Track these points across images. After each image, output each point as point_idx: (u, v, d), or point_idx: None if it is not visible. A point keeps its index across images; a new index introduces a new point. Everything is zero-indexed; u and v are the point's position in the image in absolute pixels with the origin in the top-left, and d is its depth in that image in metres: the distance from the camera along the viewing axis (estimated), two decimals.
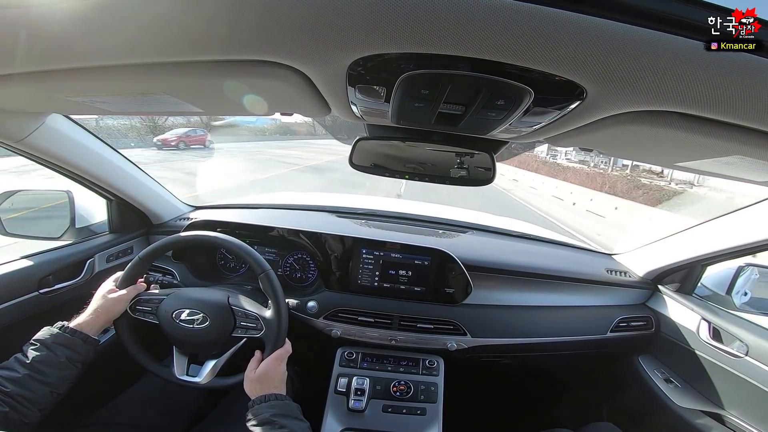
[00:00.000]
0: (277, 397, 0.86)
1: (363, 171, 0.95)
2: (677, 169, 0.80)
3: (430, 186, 5.05)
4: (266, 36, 0.41)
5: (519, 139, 0.81)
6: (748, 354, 1.08)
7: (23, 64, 0.52)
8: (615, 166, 24.26)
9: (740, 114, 0.43)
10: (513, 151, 3.09)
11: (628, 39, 0.34)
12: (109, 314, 0.94)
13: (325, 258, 1.32)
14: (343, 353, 1.24)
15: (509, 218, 2.09)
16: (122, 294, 0.96)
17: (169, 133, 20.36)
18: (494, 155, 0.90)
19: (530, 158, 25.80)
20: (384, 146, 0.93)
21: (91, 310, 0.91)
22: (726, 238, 1.13)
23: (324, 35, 0.39)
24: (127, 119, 21.15)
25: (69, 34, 0.43)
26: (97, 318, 0.90)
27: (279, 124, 29.90)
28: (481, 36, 0.36)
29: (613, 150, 0.80)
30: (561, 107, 0.52)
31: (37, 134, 0.96)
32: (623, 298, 1.45)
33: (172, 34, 0.42)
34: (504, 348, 1.30)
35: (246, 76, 0.52)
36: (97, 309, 0.92)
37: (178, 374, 0.97)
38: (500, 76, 0.44)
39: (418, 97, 0.53)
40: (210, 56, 0.47)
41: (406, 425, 1.07)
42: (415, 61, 0.44)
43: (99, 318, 0.91)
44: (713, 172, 0.76)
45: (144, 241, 1.50)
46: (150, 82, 0.57)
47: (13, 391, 0.73)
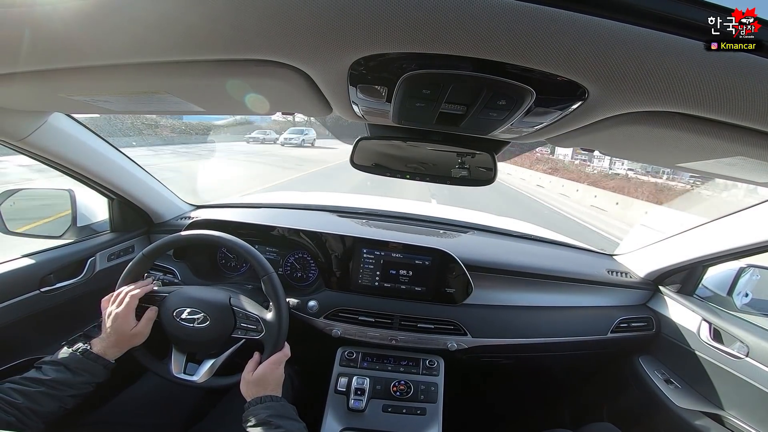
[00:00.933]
0: (273, 399, 0.86)
1: (364, 171, 0.95)
2: (679, 169, 0.80)
3: (457, 193, 5.00)
4: (268, 36, 0.41)
5: (520, 140, 0.81)
6: (748, 355, 1.07)
7: (26, 63, 0.52)
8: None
9: (741, 114, 0.43)
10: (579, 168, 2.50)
11: (628, 39, 0.35)
12: (130, 344, 0.94)
13: (326, 257, 1.33)
14: (343, 353, 1.24)
15: (510, 218, 2.09)
16: (140, 328, 0.94)
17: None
18: (495, 155, 0.90)
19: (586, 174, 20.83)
20: (385, 146, 0.93)
21: (111, 337, 0.90)
22: (727, 239, 1.13)
23: (325, 35, 0.39)
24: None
25: (72, 33, 0.43)
26: (117, 346, 0.91)
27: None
28: (483, 36, 0.37)
29: (615, 150, 0.80)
30: (563, 107, 0.52)
31: (39, 133, 0.96)
32: (624, 299, 1.45)
33: (174, 34, 0.42)
34: (504, 348, 1.30)
35: (248, 75, 0.52)
36: (118, 339, 0.91)
37: (175, 372, 0.97)
38: (502, 76, 0.44)
39: (420, 97, 0.53)
40: (212, 56, 0.47)
41: (406, 425, 1.07)
42: (416, 61, 0.44)
43: (119, 346, 0.91)
44: (715, 173, 0.76)
45: (145, 240, 1.50)
46: (152, 81, 0.57)
47: (23, 404, 0.74)
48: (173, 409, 1.16)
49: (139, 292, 0.96)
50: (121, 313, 0.91)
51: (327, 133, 20.74)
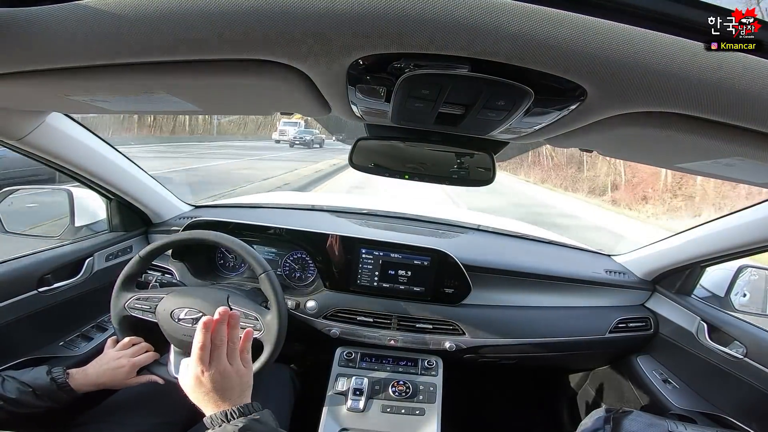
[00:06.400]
0: (241, 411, 0.64)
1: (363, 171, 0.95)
2: (677, 170, 0.80)
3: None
4: (267, 36, 0.41)
5: (519, 140, 0.82)
6: (746, 355, 1.08)
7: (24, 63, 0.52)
8: None
9: (740, 115, 0.43)
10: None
11: (628, 39, 0.35)
12: (113, 383, 0.95)
13: (324, 258, 1.32)
14: (342, 353, 1.24)
15: (508, 219, 2.10)
16: (132, 362, 0.97)
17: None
18: (494, 155, 0.90)
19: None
20: (384, 146, 0.93)
21: (92, 372, 0.93)
22: (725, 240, 1.13)
23: (324, 35, 0.39)
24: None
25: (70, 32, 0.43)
26: (94, 382, 0.92)
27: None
28: (482, 36, 0.36)
29: (613, 151, 0.80)
30: (561, 108, 0.52)
31: (36, 133, 0.96)
32: (622, 299, 1.45)
33: (172, 33, 0.42)
34: (503, 348, 1.30)
35: (246, 75, 0.52)
36: (100, 373, 0.93)
37: (173, 373, 0.97)
38: (501, 76, 0.44)
39: (419, 97, 0.53)
40: (211, 55, 0.47)
41: (404, 425, 1.07)
42: (415, 61, 0.44)
43: (96, 383, 0.92)
44: (713, 174, 0.76)
45: (143, 240, 1.50)
46: (150, 81, 0.57)
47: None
48: (171, 409, 1.15)
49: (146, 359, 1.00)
50: (124, 370, 0.95)
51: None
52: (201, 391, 0.65)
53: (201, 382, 0.65)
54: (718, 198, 14.22)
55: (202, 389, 0.65)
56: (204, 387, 0.65)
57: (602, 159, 16.50)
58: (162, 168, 10.65)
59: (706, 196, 14.83)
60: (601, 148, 0.78)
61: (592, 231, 9.75)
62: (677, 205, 15.51)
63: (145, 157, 10.16)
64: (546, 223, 7.79)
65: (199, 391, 0.65)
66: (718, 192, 14.43)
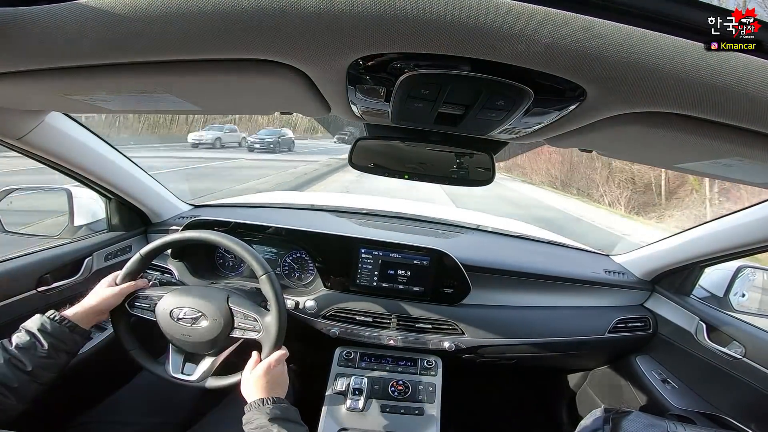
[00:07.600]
0: (275, 401, 0.83)
1: (362, 171, 0.95)
2: (677, 170, 0.81)
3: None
4: (267, 35, 0.41)
5: (519, 140, 0.82)
6: (745, 355, 1.08)
7: (23, 62, 0.52)
8: None
9: (740, 115, 0.43)
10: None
11: (628, 40, 0.35)
12: (104, 305, 0.93)
13: (323, 257, 1.32)
14: (341, 353, 1.24)
15: (508, 219, 2.10)
16: (122, 287, 0.96)
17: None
18: (494, 155, 0.90)
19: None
20: (384, 146, 0.93)
21: (85, 301, 0.91)
22: (724, 240, 1.13)
23: (325, 35, 0.39)
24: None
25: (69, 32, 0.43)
26: (90, 309, 0.90)
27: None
28: (482, 36, 0.36)
29: (613, 151, 0.80)
30: (561, 108, 0.52)
31: (36, 132, 0.96)
32: (621, 299, 1.45)
33: (172, 33, 0.42)
34: (502, 348, 1.30)
35: (246, 75, 0.52)
36: (92, 299, 0.92)
37: (172, 372, 0.97)
38: (500, 76, 0.44)
39: (418, 97, 0.53)
40: (210, 55, 0.47)
41: (404, 425, 1.07)
42: (415, 61, 0.44)
43: (93, 309, 0.90)
44: (713, 174, 0.76)
45: (143, 240, 1.49)
46: (150, 80, 0.57)
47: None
48: (171, 408, 1.15)
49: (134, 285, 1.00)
50: (110, 290, 0.94)
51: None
52: (265, 378, 0.88)
53: (269, 370, 0.89)
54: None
55: (267, 377, 0.88)
56: (268, 375, 0.89)
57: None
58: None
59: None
60: (600, 148, 0.79)
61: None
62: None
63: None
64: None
65: (264, 378, 0.88)
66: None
